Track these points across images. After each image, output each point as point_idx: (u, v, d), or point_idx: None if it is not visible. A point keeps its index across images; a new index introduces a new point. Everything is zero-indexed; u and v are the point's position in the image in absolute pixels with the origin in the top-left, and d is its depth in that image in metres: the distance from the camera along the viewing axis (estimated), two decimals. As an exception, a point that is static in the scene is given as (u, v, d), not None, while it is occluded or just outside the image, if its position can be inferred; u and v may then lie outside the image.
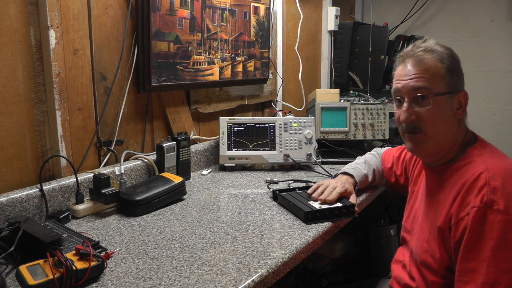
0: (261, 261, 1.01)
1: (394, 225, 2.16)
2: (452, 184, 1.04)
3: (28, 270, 0.88)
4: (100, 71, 1.48)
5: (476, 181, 0.97)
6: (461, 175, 1.03)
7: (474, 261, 0.93)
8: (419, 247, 1.10)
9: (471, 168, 1.02)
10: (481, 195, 0.94)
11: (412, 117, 1.08)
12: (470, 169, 1.02)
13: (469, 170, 1.02)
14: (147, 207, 1.33)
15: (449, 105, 1.07)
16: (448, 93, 1.06)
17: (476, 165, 1.01)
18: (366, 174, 1.46)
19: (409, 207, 1.26)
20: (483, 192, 0.94)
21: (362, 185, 1.46)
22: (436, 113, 1.06)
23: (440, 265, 1.02)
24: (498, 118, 2.58)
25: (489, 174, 0.96)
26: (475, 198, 0.95)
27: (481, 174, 0.97)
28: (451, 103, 1.07)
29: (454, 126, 1.09)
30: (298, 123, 1.85)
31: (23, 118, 1.28)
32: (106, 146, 1.52)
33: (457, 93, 1.08)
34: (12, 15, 1.23)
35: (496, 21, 2.57)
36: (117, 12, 1.51)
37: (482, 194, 0.94)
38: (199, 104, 1.89)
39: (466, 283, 0.94)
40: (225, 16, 1.87)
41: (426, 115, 1.07)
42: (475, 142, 1.10)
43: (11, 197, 1.18)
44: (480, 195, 0.94)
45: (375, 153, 1.58)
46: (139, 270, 0.97)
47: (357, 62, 2.52)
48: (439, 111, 1.06)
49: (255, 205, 1.39)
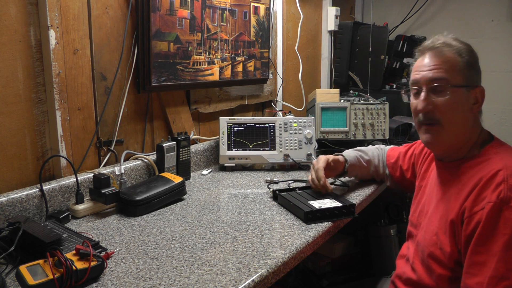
0: (261, 261, 1.01)
1: (394, 225, 2.16)
2: (467, 179, 1.05)
3: (28, 270, 0.88)
4: (100, 71, 1.48)
5: (494, 177, 0.98)
6: (478, 171, 1.03)
7: (485, 255, 0.93)
8: (427, 240, 1.11)
9: (488, 164, 1.03)
10: (498, 191, 0.95)
11: (429, 106, 1.09)
12: (488, 165, 1.02)
13: (487, 166, 1.02)
14: (147, 207, 1.33)
15: (466, 98, 1.08)
16: (466, 86, 1.08)
17: (494, 162, 1.02)
18: (358, 157, 1.52)
19: (416, 202, 1.27)
20: (500, 188, 0.95)
21: (354, 168, 1.51)
22: (453, 104, 1.07)
23: (449, 258, 1.03)
24: (498, 118, 2.58)
25: (507, 171, 0.97)
26: (492, 194, 0.95)
27: (499, 171, 0.98)
28: (468, 97, 1.08)
29: (470, 120, 1.10)
30: (298, 123, 1.85)
31: (23, 118, 1.28)
32: (106, 146, 1.52)
33: (474, 88, 1.09)
34: (12, 15, 1.23)
35: (496, 21, 2.57)
36: (117, 12, 1.51)
37: (499, 190, 0.95)
38: (199, 104, 1.89)
39: (474, 275, 0.95)
40: (225, 16, 1.87)
41: (443, 105, 1.08)
42: (491, 141, 1.11)
43: (11, 197, 1.18)
44: (497, 191, 0.95)
45: (377, 147, 1.61)
46: (139, 270, 0.97)
47: (357, 62, 2.52)
48: (456, 102, 1.07)
49: (255, 205, 1.39)
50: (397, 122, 2.23)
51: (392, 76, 2.61)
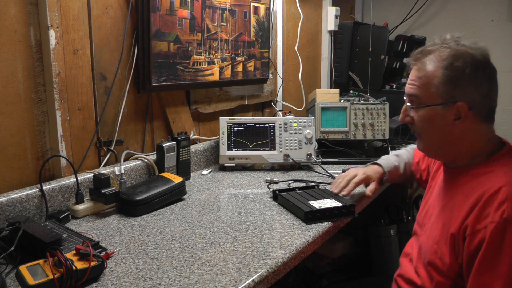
0: (261, 261, 1.01)
1: (394, 225, 2.16)
2: (470, 190, 1.01)
3: (28, 270, 0.88)
4: (100, 71, 1.48)
5: (496, 194, 0.94)
6: (480, 183, 1.00)
7: (490, 275, 0.92)
8: (428, 246, 1.09)
9: (491, 178, 0.99)
10: (501, 210, 0.92)
11: (406, 118, 1.12)
12: (490, 179, 0.98)
13: (489, 180, 0.98)
14: (147, 207, 1.33)
15: (443, 115, 1.05)
16: (440, 104, 1.04)
17: (497, 176, 0.98)
18: (396, 166, 1.47)
19: (425, 201, 1.25)
20: (503, 207, 0.92)
21: (392, 176, 1.47)
22: (426, 120, 1.07)
23: (449, 269, 1.01)
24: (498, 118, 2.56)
25: (510, 188, 0.94)
26: (495, 213, 0.92)
27: (502, 188, 0.94)
28: (445, 113, 1.04)
29: (454, 135, 1.06)
30: (298, 123, 1.85)
31: (23, 118, 1.28)
32: (106, 146, 1.52)
33: (452, 104, 1.03)
34: (12, 15, 1.22)
35: (496, 21, 2.57)
36: (117, 12, 1.51)
37: (503, 209, 0.92)
38: (199, 104, 1.89)
39: None
40: (225, 16, 1.87)
41: (418, 120, 1.09)
42: (500, 149, 1.06)
43: (11, 197, 1.18)
44: (500, 210, 0.92)
45: (408, 148, 1.58)
46: (139, 270, 0.97)
47: (357, 62, 2.52)
48: (429, 119, 1.07)
49: (255, 205, 1.39)
50: (397, 122, 2.23)
51: (392, 76, 2.61)
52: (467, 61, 1.02)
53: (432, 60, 1.05)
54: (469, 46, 1.04)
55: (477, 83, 1.03)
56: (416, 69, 1.08)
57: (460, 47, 1.04)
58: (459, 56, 1.02)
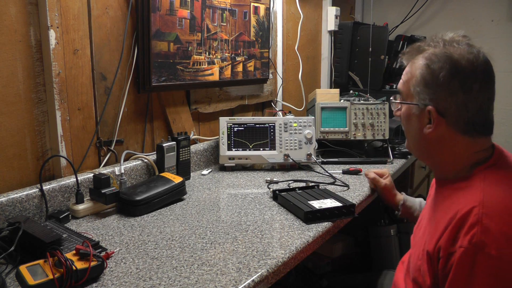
0: (261, 261, 1.01)
1: (394, 225, 2.16)
2: (448, 206, 0.94)
3: (28, 270, 0.88)
4: (100, 71, 1.48)
5: (468, 216, 0.85)
6: (456, 200, 0.92)
7: None
8: (414, 261, 1.01)
9: (466, 195, 0.91)
10: (470, 235, 0.82)
11: (397, 112, 1.09)
12: (465, 196, 0.90)
13: (464, 197, 0.90)
14: (147, 207, 1.33)
15: (417, 116, 1.01)
16: (415, 104, 1.00)
17: (472, 193, 0.90)
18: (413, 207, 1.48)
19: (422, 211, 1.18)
20: (473, 232, 0.82)
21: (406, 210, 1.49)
22: (405, 119, 1.06)
23: None
24: (498, 118, 2.56)
25: (483, 209, 0.84)
26: (464, 237, 0.83)
27: (474, 209, 0.85)
28: (418, 115, 1.00)
29: (430, 142, 1.00)
30: (298, 123, 1.85)
31: (23, 118, 1.28)
32: (106, 146, 1.52)
33: (424, 108, 0.98)
34: (12, 15, 1.22)
35: (496, 21, 2.57)
36: (117, 12, 1.51)
37: (472, 233, 0.82)
38: (199, 104, 1.89)
39: None
40: (225, 16, 1.87)
41: (401, 117, 1.08)
42: (487, 161, 0.96)
43: (11, 197, 1.18)
44: (469, 234, 0.83)
45: None
46: (139, 270, 0.97)
47: (357, 62, 2.52)
48: (406, 118, 1.05)
49: (255, 205, 1.39)
50: (397, 122, 2.23)
51: (392, 76, 2.61)
52: (445, 66, 0.94)
53: (419, 57, 1.00)
54: (461, 50, 0.95)
55: (450, 91, 0.94)
56: (407, 65, 1.05)
57: (448, 48, 0.96)
58: (439, 59, 0.95)
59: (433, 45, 0.99)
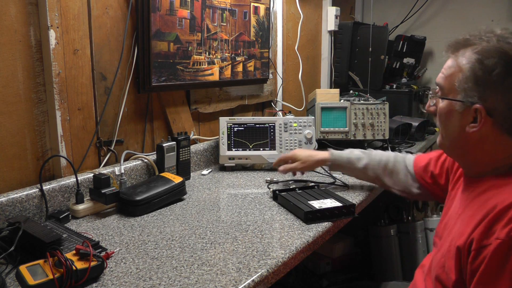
0: (261, 261, 1.01)
1: (394, 225, 2.16)
2: (484, 201, 0.92)
3: (28, 270, 0.88)
4: (100, 71, 1.48)
5: (507, 210, 0.84)
6: (494, 195, 0.90)
7: None
8: (437, 259, 1.01)
9: (506, 190, 0.89)
10: (509, 228, 0.82)
11: (431, 107, 1.05)
12: (505, 192, 0.89)
13: (504, 192, 0.89)
14: (147, 207, 1.33)
15: (460, 113, 0.96)
16: (459, 101, 0.95)
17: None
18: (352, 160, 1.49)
19: (444, 211, 1.15)
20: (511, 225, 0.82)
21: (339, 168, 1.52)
22: (444, 115, 1.00)
23: (454, 286, 0.92)
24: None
25: None
26: (502, 229, 0.83)
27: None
28: (462, 113, 0.95)
29: (470, 141, 0.97)
30: (298, 123, 1.85)
31: (23, 118, 1.28)
32: (106, 146, 1.52)
33: (470, 105, 0.93)
34: (12, 15, 1.23)
35: (496, 21, 2.57)
36: (117, 12, 1.51)
37: (511, 226, 0.82)
38: (199, 104, 1.89)
39: None
40: (225, 16, 1.87)
41: (438, 113, 1.02)
42: None
43: (11, 197, 1.18)
44: (508, 227, 0.82)
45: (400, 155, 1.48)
46: (139, 270, 0.97)
47: (357, 62, 2.53)
48: (446, 114, 0.99)
49: (255, 205, 1.39)
50: (397, 122, 2.23)
51: (392, 76, 2.61)
52: (500, 62, 0.89)
53: (466, 52, 0.94)
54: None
55: (504, 89, 0.89)
56: (450, 59, 0.99)
57: (503, 45, 0.90)
58: (493, 54, 0.89)
59: (486, 39, 0.93)
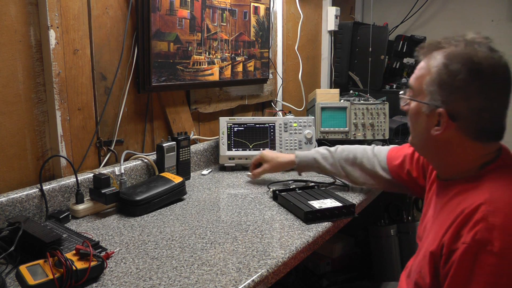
0: (261, 261, 1.01)
1: (394, 225, 2.16)
2: (454, 206, 0.91)
3: (28, 270, 0.88)
4: (100, 71, 1.48)
5: (474, 213, 0.83)
6: (464, 199, 0.90)
7: None
8: (416, 264, 0.99)
9: (474, 194, 0.88)
10: (474, 231, 0.81)
11: (405, 106, 1.03)
12: (473, 195, 0.88)
13: (471, 196, 0.88)
14: (147, 207, 1.33)
15: (425, 116, 0.95)
16: (424, 103, 0.95)
17: (479, 192, 0.88)
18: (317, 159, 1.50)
19: (423, 213, 1.14)
20: (477, 228, 0.81)
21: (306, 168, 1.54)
22: (412, 116, 1.00)
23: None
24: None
25: (489, 207, 0.83)
26: (468, 233, 0.82)
27: (481, 206, 0.83)
28: (427, 115, 0.95)
29: (437, 143, 0.96)
30: (298, 123, 1.85)
31: (23, 118, 1.28)
32: (106, 146, 1.52)
33: (435, 108, 0.92)
34: (12, 15, 1.22)
35: (496, 21, 2.57)
36: (117, 12, 1.51)
37: (476, 230, 0.81)
38: (199, 104, 1.89)
39: None
40: (225, 16, 1.87)
41: (408, 113, 1.02)
42: (494, 161, 0.93)
43: (11, 197, 1.18)
44: (473, 230, 0.81)
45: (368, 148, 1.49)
46: (139, 270, 0.97)
47: (357, 62, 2.52)
48: (414, 115, 0.99)
49: (255, 205, 1.39)
50: (397, 122, 2.23)
51: (392, 76, 2.60)
52: (465, 68, 0.88)
53: (437, 55, 0.93)
54: (482, 53, 0.88)
55: (467, 94, 0.89)
56: (422, 61, 0.98)
57: (470, 49, 0.89)
58: (459, 59, 0.89)
59: (454, 43, 0.92)
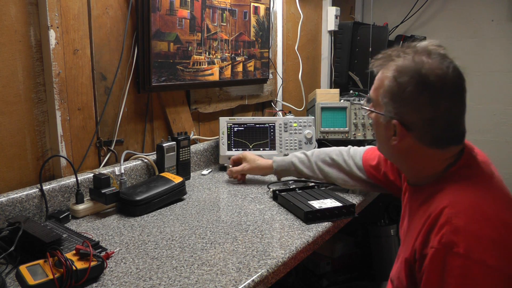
0: (261, 261, 1.01)
1: (394, 225, 2.16)
2: (423, 212, 0.92)
3: (28, 270, 0.88)
4: (100, 71, 1.48)
5: (439, 217, 0.85)
6: (431, 204, 0.91)
7: None
8: (394, 270, 1.00)
9: (438, 197, 0.90)
10: (440, 235, 0.82)
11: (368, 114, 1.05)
12: (438, 199, 0.90)
13: (437, 200, 0.90)
14: (147, 207, 1.33)
15: (383, 126, 0.98)
16: (380, 114, 0.97)
17: (443, 195, 0.89)
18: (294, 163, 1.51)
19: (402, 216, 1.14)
20: (442, 232, 0.82)
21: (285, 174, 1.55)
22: (374, 125, 1.04)
23: None
24: (498, 118, 2.58)
25: (452, 209, 0.84)
26: (435, 237, 0.83)
27: (445, 209, 0.85)
28: (384, 126, 0.97)
29: (399, 151, 0.98)
30: (298, 123, 1.85)
31: (23, 118, 1.28)
32: (106, 146, 1.52)
33: (390, 119, 0.95)
34: (12, 15, 1.22)
35: (496, 21, 2.57)
36: (117, 12, 1.51)
37: (442, 233, 0.82)
38: (199, 104, 1.89)
39: None
40: (225, 16, 1.87)
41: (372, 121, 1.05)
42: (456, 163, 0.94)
43: (11, 197, 1.18)
44: (439, 234, 0.83)
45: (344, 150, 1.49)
46: (139, 270, 0.97)
47: (357, 62, 2.52)
48: (375, 125, 1.03)
49: (255, 205, 1.39)
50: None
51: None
52: (412, 80, 0.90)
53: (389, 67, 0.95)
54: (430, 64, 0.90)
55: (418, 106, 0.91)
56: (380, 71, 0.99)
57: (418, 61, 0.91)
58: (407, 71, 0.91)
59: (403, 55, 0.93)
